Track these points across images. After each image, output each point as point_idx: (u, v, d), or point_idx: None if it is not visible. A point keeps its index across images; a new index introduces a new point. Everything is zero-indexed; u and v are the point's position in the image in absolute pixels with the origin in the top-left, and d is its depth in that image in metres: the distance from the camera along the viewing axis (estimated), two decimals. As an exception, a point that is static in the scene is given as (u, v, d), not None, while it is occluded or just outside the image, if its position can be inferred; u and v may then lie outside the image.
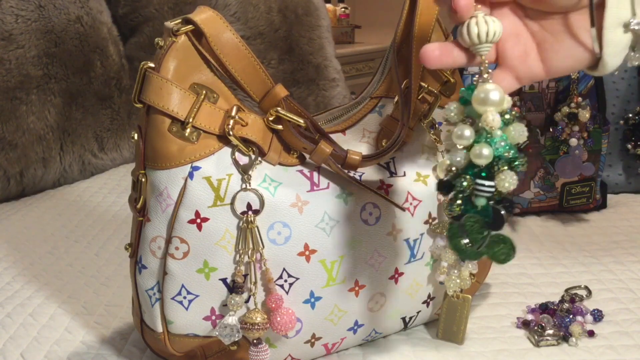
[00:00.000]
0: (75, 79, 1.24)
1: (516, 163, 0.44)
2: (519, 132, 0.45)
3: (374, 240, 0.60)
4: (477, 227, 0.45)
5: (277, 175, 0.58)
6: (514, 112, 0.45)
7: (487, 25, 0.44)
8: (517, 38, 0.47)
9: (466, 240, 0.46)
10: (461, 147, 0.45)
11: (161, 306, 0.57)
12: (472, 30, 0.44)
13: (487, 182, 0.44)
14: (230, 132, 0.55)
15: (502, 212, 0.44)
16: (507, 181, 0.44)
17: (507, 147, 0.44)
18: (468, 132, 0.44)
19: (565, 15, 0.46)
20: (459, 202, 0.45)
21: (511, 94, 0.92)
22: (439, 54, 0.45)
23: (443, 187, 0.46)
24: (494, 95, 0.43)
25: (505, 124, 0.45)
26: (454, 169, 0.45)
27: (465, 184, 0.44)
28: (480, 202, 0.45)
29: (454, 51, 0.46)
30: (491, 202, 0.45)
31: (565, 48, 0.46)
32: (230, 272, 0.56)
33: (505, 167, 0.44)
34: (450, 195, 0.46)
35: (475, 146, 0.44)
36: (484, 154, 0.44)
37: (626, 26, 0.45)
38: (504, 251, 0.46)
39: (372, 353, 0.65)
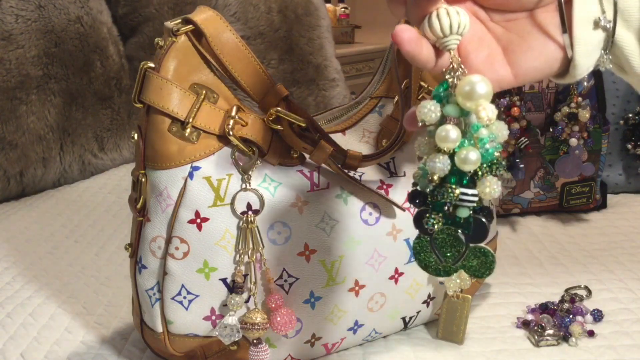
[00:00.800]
0: (75, 79, 1.24)
1: (498, 167, 0.40)
2: (502, 131, 0.40)
3: (374, 240, 0.60)
4: (450, 241, 0.41)
5: (277, 175, 0.58)
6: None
7: (459, 16, 0.41)
8: (480, 42, 0.45)
9: (437, 257, 0.42)
10: (446, 150, 0.40)
11: (161, 306, 0.57)
12: (444, 21, 0.40)
13: (470, 191, 0.39)
14: (230, 132, 0.55)
15: (484, 221, 0.40)
16: (492, 188, 0.39)
17: (499, 147, 0.40)
18: (454, 133, 0.39)
19: (531, 14, 0.44)
20: (440, 214, 0.40)
21: (510, 94, 0.93)
22: (411, 36, 0.41)
23: (417, 198, 0.41)
24: (481, 87, 0.38)
25: None
26: (435, 177, 0.40)
27: (452, 194, 0.39)
28: (463, 213, 0.40)
29: (424, 43, 0.42)
30: (471, 212, 0.40)
31: (534, 48, 0.44)
32: (230, 272, 0.56)
33: (488, 173, 0.40)
34: (423, 207, 0.41)
35: (461, 150, 0.39)
36: (471, 158, 0.39)
37: (596, 24, 0.43)
38: (484, 265, 0.42)
39: (372, 353, 0.65)
